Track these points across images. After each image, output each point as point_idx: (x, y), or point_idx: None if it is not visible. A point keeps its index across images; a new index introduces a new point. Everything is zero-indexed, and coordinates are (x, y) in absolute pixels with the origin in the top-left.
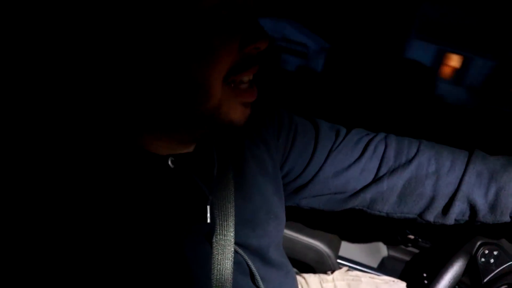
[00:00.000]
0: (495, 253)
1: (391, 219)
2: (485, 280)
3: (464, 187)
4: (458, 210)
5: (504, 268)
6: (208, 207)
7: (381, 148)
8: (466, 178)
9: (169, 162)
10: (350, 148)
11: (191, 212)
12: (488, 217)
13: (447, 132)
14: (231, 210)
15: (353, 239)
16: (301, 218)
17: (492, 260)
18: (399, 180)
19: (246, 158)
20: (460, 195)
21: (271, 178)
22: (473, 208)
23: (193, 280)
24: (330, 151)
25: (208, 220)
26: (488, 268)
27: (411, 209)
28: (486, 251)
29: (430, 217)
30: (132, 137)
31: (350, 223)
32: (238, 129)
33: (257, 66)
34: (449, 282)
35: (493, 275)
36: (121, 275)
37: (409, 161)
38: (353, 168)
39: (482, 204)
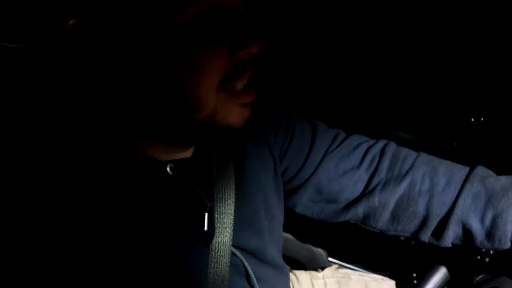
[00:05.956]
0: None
1: None
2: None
3: (458, 211)
4: (453, 234)
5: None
6: (206, 214)
7: (376, 159)
8: (461, 200)
9: (168, 169)
10: (346, 154)
11: (189, 219)
12: (485, 243)
13: None
14: (231, 214)
15: (344, 238)
16: (293, 217)
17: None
18: (391, 197)
19: (248, 155)
20: (454, 218)
21: (272, 175)
22: (468, 233)
23: (189, 284)
24: (325, 154)
25: (206, 228)
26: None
27: (405, 228)
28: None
29: (425, 238)
30: (130, 142)
31: (342, 223)
32: (237, 131)
33: (251, 71)
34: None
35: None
36: (116, 280)
37: (402, 176)
38: (348, 176)
39: (478, 229)
